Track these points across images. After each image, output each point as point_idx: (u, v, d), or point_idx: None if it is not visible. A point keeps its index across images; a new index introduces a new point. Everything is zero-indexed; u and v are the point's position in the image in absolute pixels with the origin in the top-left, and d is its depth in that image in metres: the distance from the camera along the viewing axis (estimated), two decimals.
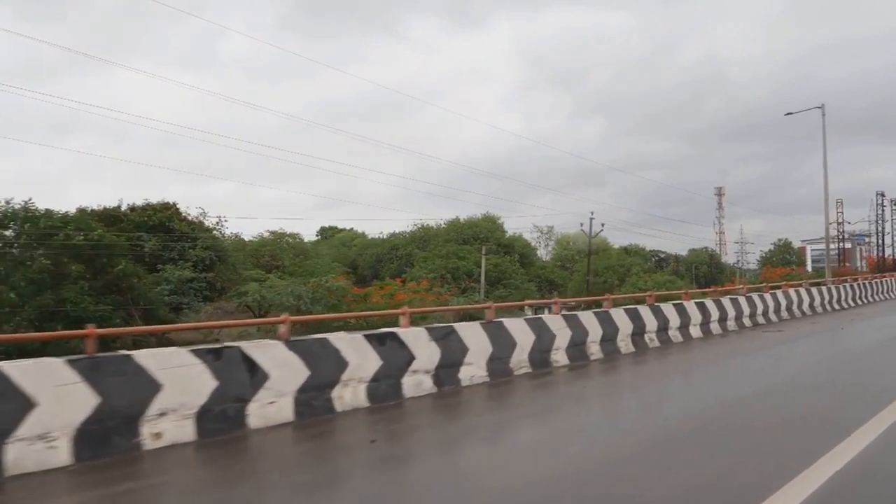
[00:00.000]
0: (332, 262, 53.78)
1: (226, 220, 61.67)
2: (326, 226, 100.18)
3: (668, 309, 14.45)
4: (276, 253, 53.35)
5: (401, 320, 9.29)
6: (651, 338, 13.53)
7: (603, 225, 55.25)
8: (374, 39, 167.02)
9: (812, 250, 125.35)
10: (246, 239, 66.95)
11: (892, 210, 76.82)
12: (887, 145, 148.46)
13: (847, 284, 25.21)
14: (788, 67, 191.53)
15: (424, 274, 44.45)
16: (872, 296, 27.34)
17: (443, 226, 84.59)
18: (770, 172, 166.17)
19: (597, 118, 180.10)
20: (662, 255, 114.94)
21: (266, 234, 56.61)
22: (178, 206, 50.15)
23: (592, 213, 51.51)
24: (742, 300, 17.67)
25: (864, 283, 26.69)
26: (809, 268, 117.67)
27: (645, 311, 13.66)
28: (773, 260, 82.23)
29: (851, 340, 14.51)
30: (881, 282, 29.08)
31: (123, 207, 49.51)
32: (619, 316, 12.84)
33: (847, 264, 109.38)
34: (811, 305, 21.48)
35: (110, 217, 47.49)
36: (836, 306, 23.18)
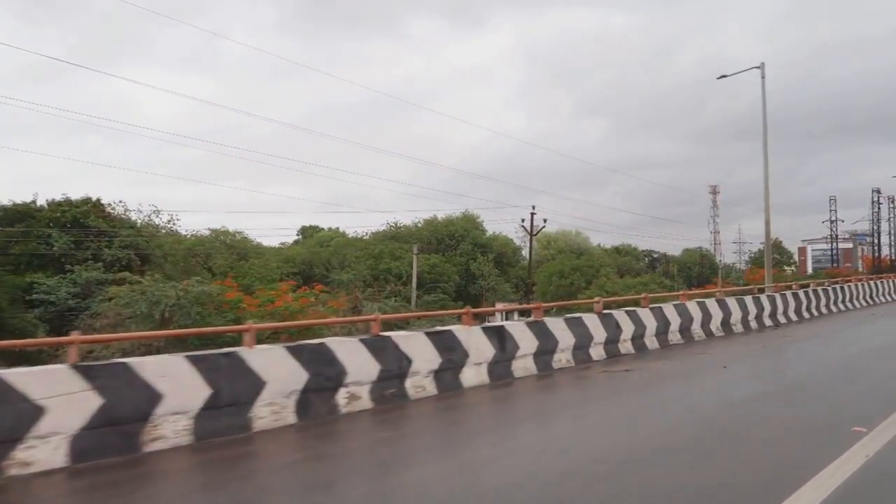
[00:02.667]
0: (273, 264, 48.24)
1: (178, 219, 56.75)
2: (307, 225, 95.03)
3: (472, 336, 8.86)
4: (211, 252, 48.22)
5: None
6: (419, 385, 7.92)
7: (545, 220, 49.10)
8: (377, 40, 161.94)
9: (813, 250, 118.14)
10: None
11: (889, 208, 69.70)
12: (891, 145, 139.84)
13: (790, 293, 19.18)
14: (791, 67, 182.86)
15: (351, 276, 38.95)
16: (829, 306, 21.25)
17: (419, 224, 79.40)
18: (773, 172, 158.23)
19: (599, 118, 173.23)
20: (655, 255, 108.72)
21: (206, 232, 51.65)
22: (101, 202, 45.21)
23: (534, 208, 45.25)
24: (593, 321, 11.86)
25: (815, 291, 20.61)
26: (810, 268, 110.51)
27: (418, 343, 8.14)
28: (762, 260, 75.26)
29: (711, 398, 8.66)
30: (844, 287, 22.92)
31: (40, 202, 44.79)
32: (348, 351, 7.33)
33: (848, 265, 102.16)
34: (726, 323, 15.55)
35: (19, 213, 42.72)
36: (768, 322, 17.22)
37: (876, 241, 70.12)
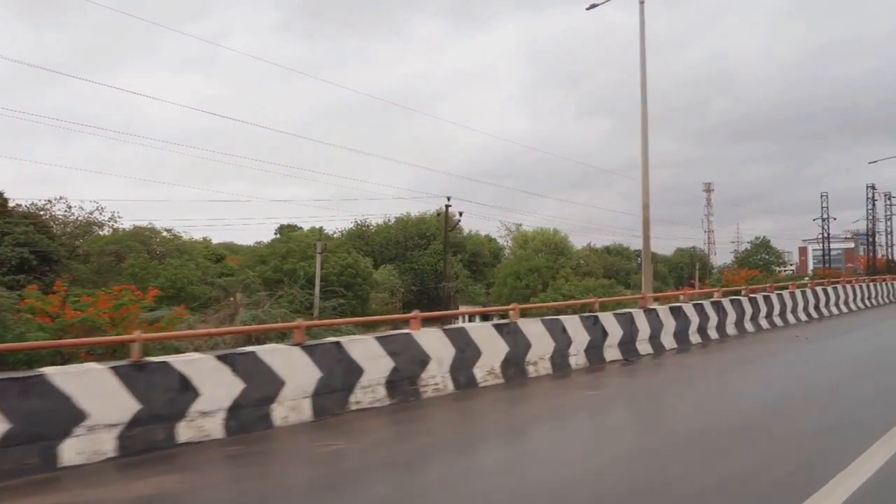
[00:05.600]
0: (193, 265, 42.33)
1: (119, 217, 51.16)
2: (285, 223, 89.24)
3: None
4: (123, 252, 42.70)
5: None
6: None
7: (461, 213, 42.78)
8: (379, 41, 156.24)
9: (813, 250, 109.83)
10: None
11: (885, 205, 61.83)
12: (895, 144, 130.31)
13: (666, 309, 12.69)
14: (795, 66, 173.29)
15: (252, 278, 33.09)
16: (745, 323, 14.73)
17: (392, 222, 73.49)
18: (777, 172, 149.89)
19: (602, 118, 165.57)
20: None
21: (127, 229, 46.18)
22: (2, 195, 40.01)
23: (449, 199, 39.00)
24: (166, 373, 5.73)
25: (716, 305, 14.03)
26: (811, 268, 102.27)
27: None
28: (749, 260, 67.81)
29: None
30: (770, 298, 16.28)
31: None
32: None
33: (850, 265, 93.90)
34: (515, 363, 9.22)
35: None
36: (613, 355, 10.82)
37: (872, 240, 62.35)
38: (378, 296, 56.66)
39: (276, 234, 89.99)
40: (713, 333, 13.49)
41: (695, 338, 12.90)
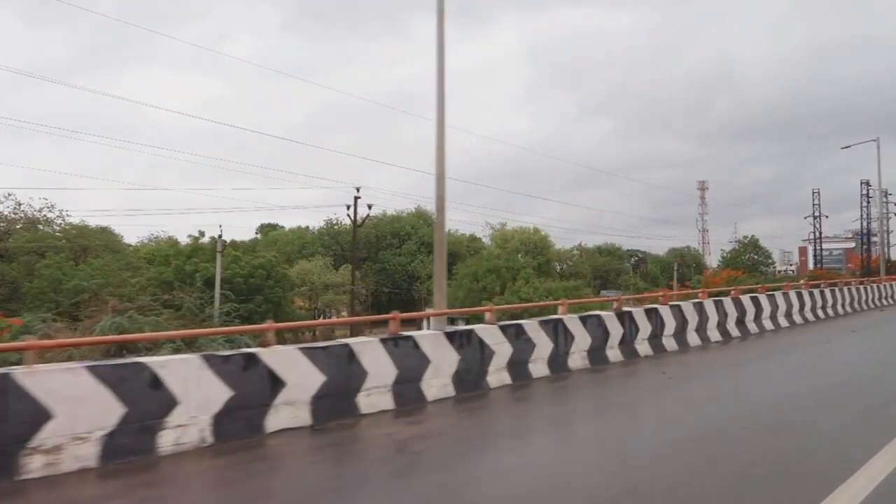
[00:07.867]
0: (116, 266, 38.94)
1: (69, 215, 48.25)
2: (266, 223, 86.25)
3: None
4: (46, 251, 39.73)
5: None
6: None
7: (370, 206, 39.33)
8: (380, 41, 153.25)
9: (813, 251, 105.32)
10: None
11: (881, 203, 57.50)
12: None
13: (491, 330, 9.32)
14: (797, 67, 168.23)
15: (146, 282, 29.91)
16: (598, 352, 11.32)
17: (366, 220, 70.35)
18: (779, 173, 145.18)
19: (604, 118, 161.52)
20: (640, 255, 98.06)
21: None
22: None
23: (358, 190, 35.76)
24: None
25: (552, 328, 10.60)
26: (810, 268, 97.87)
27: None
28: (737, 261, 63.75)
29: None
30: (668, 312, 12.77)
31: None
32: None
33: (850, 265, 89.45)
34: (133, 433, 5.94)
35: None
36: (369, 407, 7.51)
37: (868, 239, 58.18)
38: (339, 298, 53.38)
39: (256, 233, 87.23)
40: (540, 369, 9.94)
41: (522, 370, 9.50)
